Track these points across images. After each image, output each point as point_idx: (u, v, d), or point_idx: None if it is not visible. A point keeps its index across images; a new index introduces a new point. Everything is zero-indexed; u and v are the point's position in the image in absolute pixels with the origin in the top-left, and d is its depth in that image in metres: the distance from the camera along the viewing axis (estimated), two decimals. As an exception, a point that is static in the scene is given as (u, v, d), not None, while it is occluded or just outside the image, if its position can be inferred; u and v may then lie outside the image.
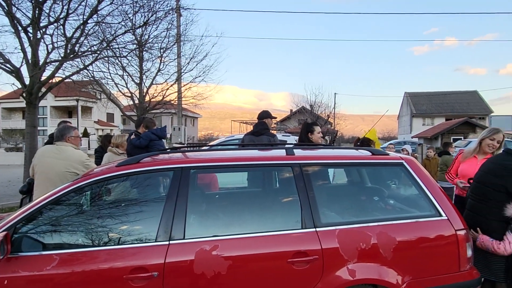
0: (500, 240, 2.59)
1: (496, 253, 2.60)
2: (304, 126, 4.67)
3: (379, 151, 2.79)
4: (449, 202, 2.54)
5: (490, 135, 3.47)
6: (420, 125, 40.77)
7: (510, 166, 2.64)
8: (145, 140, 4.67)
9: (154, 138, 4.75)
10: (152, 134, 4.75)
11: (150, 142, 4.69)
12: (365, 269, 2.32)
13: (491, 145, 3.45)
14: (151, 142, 4.70)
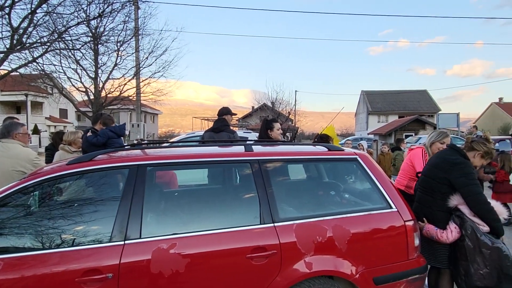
0: (444, 229, 2.79)
1: (439, 241, 2.79)
2: (264, 123, 4.72)
3: (335, 147, 2.89)
4: (399, 195, 2.69)
5: (440, 139, 3.64)
6: (375, 122, 42.69)
7: (453, 161, 2.81)
8: (103, 137, 4.49)
9: (112, 135, 4.58)
10: (110, 132, 4.57)
11: (108, 140, 4.51)
12: (322, 261, 2.39)
13: (441, 148, 3.66)
14: (109, 140, 4.52)
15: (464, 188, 2.70)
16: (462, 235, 2.71)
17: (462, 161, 2.81)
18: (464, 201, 2.74)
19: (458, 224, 2.74)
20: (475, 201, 2.68)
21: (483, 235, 2.63)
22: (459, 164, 2.77)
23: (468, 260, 2.66)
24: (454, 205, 2.79)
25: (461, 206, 2.77)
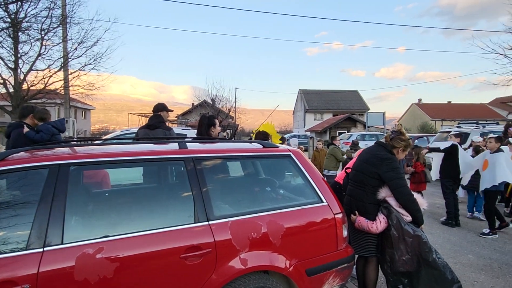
0: (373, 221, 3.00)
1: (370, 232, 3.00)
2: (205, 120, 4.66)
3: (269, 144, 2.94)
4: (329, 189, 2.83)
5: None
6: (312, 120, 44.56)
7: (382, 156, 3.06)
8: (47, 134, 4.09)
9: (56, 132, 4.20)
10: (52, 128, 4.19)
11: (52, 137, 4.13)
12: (257, 257, 2.42)
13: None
14: (53, 137, 4.15)
15: (392, 181, 2.95)
16: (388, 225, 2.94)
17: (390, 156, 3.08)
18: (391, 194, 2.99)
19: (386, 215, 2.97)
20: (401, 193, 2.94)
21: (406, 224, 2.89)
22: (387, 159, 3.03)
23: (394, 247, 2.89)
24: (382, 197, 3.03)
25: (388, 198, 3.01)
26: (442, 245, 5.09)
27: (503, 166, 5.33)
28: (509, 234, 5.72)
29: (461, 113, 37.86)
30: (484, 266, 4.37)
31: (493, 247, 5.09)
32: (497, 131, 10.56)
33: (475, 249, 4.99)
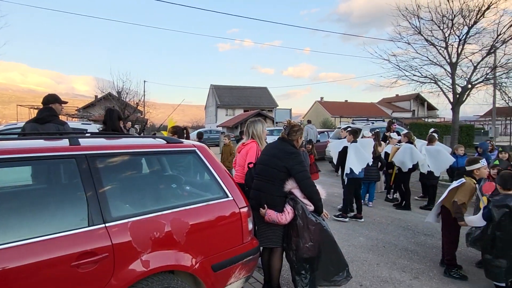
0: (282, 212, 3.13)
1: (279, 223, 3.13)
2: (115, 113, 4.34)
3: (173, 140, 2.85)
4: (234, 184, 2.87)
5: (265, 128, 4.13)
6: (224, 115, 44.91)
7: (289, 150, 3.24)
8: None
9: None
10: None
11: None
12: (161, 257, 2.33)
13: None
14: None
15: (299, 174, 3.13)
16: (295, 215, 3.11)
17: (296, 151, 3.27)
18: (296, 186, 3.17)
19: (292, 206, 3.13)
20: (307, 185, 3.14)
21: (310, 213, 3.10)
22: (294, 153, 3.21)
23: (299, 236, 3.07)
24: (288, 189, 3.19)
25: (294, 190, 3.19)
26: (338, 230, 5.61)
27: (352, 156, 6.10)
28: (391, 217, 6.58)
29: (355, 111, 42.23)
30: (372, 247, 4.95)
31: (379, 229, 5.80)
32: (383, 127, 12.04)
33: (365, 232, 5.62)
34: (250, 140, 4.06)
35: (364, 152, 6.22)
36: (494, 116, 19.25)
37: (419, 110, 47.56)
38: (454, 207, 3.84)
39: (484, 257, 3.60)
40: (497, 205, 3.47)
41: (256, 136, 4.03)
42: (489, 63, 13.73)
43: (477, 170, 3.97)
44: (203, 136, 12.51)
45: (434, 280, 3.88)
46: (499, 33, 12.81)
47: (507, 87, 16.42)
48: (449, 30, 13.29)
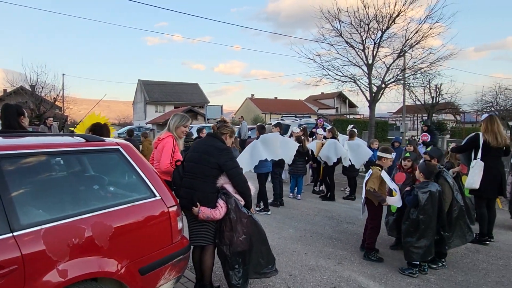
0: (215, 208, 3.11)
1: (213, 219, 3.11)
2: (12, 108, 3.87)
3: (93, 138, 2.65)
4: (162, 183, 2.77)
5: (184, 123, 3.99)
6: (153, 111, 43.19)
7: (220, 147, 3.23)
8: None
9: None
10: None
11: None
12: (81, 265, 2.16)
13: (184, 132, 4.03)
14: None
15: (231, 170, 3.15)
16: (228, 209, 3.12)
17: (227, 147, 3.28)
18: (228, 181, 3.18)
19: (225, 200, 3.14)
20: (239, 181, 3.17)
21: (242, 207, 3.14)
22: (225, 149, 3.22)
23: (232, 230, 3.09)
24: (221, 184, 3.20)
25: (226, 185, 3.20)
26: (269, 223, 5.77)
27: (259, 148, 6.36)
28: (318, 208, 6.97)
29: (284, 108, 43.76)
30: (300, 237, 5.19)
31: (307, 220, 6.10)
32: (310, 123, 12.66)
33: (294, 224, 5.87)
34: (166, 134, 3.92)
35: (265, 147, 6.41)
36: (404, 113, 21.46)
37: (341, 107, 51.01)
38: (371, 195, 4.22)
39: (405, 240, 3.98)
40: (422, 191, 3.88)
41: (171, 130, 3.92)
42: (399, 65, 15.27)
43: (384, 159, 4.41)
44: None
45: (355, 264, 4.20)
46: (407, 38, 14.30)
47: (414, 87, 18.41)
48: (366, 34, 14.46)
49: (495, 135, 4.76)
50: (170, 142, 3.81)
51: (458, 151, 5.36)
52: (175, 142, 3.86)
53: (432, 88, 22.20)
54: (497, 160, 4.87)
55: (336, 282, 3.73)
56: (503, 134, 4.85)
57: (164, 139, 3.86)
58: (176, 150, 3.84)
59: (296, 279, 3.79)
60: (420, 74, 15.54)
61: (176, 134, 3.93)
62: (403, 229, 4.02)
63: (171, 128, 3.94)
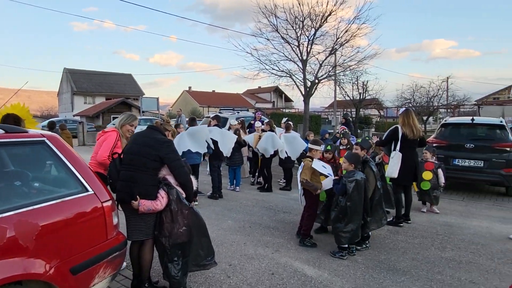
0: (156, 199, 3.03)
1: (155, 211, 3.04)
2: None
3: (15, 129, 2.42)
4: (95, 177, 2.63)
5: (130, 122, 3.96)
6: (82, 103, 40.14)
7: (162, 139, 3.16)
8: None
9: None
10: None
11: None
12: (2, 268, 1.98)
13: (130, 130, 3.94)
14: None
15: (173, 162, 3.10)
16: (169, 200, 3.07)
17: (168, 140, 3.23)
18: (170, 172, 3.14)
19: (166, 191, 3.09)
20: (181, 173, 3.14)
21: (183, 199, 3.12)
22: (167, 142, 3.17)
23: (173, 221, 3.05)
24: (163, 175, 3.16)
25: (168, 177, 3.16)
26: (208, 216, 5.77)
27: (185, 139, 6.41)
28: (256, 199, 7.15)
29: (222, 101, 43.68)
30: (239, 228, 5.29)
31: (246, 211, 6.23)
32: (248, 116, 12.84)
33: (233, 215, 5.95)
34: (111, 129, 3.88)
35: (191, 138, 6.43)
36: (335, 108, 22.77)
37: (278, 101, 52.42)
38: (305, 185, 4.46)
39: (334, 226, 4.26)
40: (349, 180, 4.16)
41: (116, 127, 3.92)
42: (331, 62, 16.14)
43: (314, 151, 4.70)
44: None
45: (291, 251, 4.41)
46: (338, 37, 15.15)
47: (344, 83, 19.59)
48: (300, 31, 15.01)
49: (411, 127, 5.30)
50: (113, 136, 3.76)
51: (381, 144, 5.85)
52: (119, 137, 3.80)
53: (359, 85, 23.83)
54: (413, 151, 5.42)
55: (274, 268, 3.89)
56: (418, 127, 5.42)
57: (108, 132, 3.80)
58: (118, 145, 3.78)
59: (236, 269, 3.87)
60: (349, 71, 16.63)
61: (121, 131, 3.90)
62: (333, 216, 4.31)
63: (117, 125, 3.91)
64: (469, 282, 3.61)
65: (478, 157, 7.25)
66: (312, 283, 3.55)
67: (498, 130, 7.56)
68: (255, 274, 3.75)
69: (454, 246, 4.59)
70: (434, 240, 4.82)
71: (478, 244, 4.67)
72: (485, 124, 7.91)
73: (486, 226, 5.43)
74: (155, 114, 27.29)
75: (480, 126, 7.91)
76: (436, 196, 6.15)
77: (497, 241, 4.79)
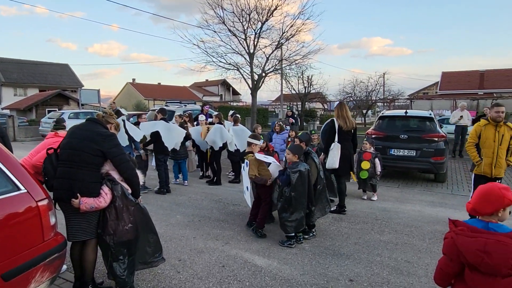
0: (99, 196, 2.87)
1: (98, 208, 2.87)
2: None
3: None
4: (29, 174, 2.43)
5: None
6: (11, 95, 36.51)
7: (104, 133, 2.99)
8: None
9: None
10: None
11: None
12: None
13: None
14: None
15: (117, 157, 2.95)
16: (114, 196, 2.92)
17: (111, 133, 3.06)
18: (114, 168, 2.99)
19: (110, 187, 2.93)
20: (126, 168, 2.99)
21: (129, 195, 3.00)
22: (110, 136, 3.00)
23: (118, 218, 2.92)
24: (106, 170, 2.99)
25: (111, 172, 3.00)
26: (156, 212, 5.62)
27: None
28: (205, 192, 7.10)
29: (169, 94, 42.46)
30: (188, 222, 5.22)
31: (195, 205, 6.16)
32: (195, 109, 12.64)
33: (182, 210, 5.85)
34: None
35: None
36: (282, 101, 23.27)
37: (225, 94, 52.21)
38: (256, 180, 4.57)
39: (281, 216, 4.37)
40: (293, 171, 4.27)
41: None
42: (277, 56, 16.43)
43: (254, 145, 4.80)
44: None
45: (241, 242, 4.46)
46: (283, 31, 15.44)
47: (290, 77, 20.07)
48: (247, 24, 15.07)
49: (345, 119, 5.57)
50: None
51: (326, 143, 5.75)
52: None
53: (305, 79, 24.58)
54: (348, 142, 5.68)
55: (224, 261, 3.90)
56: (351, 118, 5.70)
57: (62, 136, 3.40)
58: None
59: (186, 263, 3.82)
60: (295, 65, 17.08)
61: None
62: (279, 207, 4.43)
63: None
64: (404, 261, 3.93)
65: (411, 147, 7.87)
66: (262, 273, 3.63)
67: (427, 122, 8.27)
68: (205, 268, 3.73)
69: (392, 230, 4.96)
70: (374, 225, 5.16)
71: (412, 226, 5.10)
72: (417, 117, 8.60)
73: (418, 210, 5.94)
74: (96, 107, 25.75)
75: (413, 119, 8.59)
76: (373, 184, 6.57)
77: (428, 223, 5.26)
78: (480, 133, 4.85)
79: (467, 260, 1.80)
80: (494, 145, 4.74)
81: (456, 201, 6.58)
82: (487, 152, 4.80)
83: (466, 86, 31.32)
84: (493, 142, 4.75)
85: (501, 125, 4.75)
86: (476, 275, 1.82)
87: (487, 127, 4.82)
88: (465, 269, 1.88)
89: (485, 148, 4.82)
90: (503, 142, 4.73)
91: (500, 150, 4.74)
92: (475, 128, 4.96)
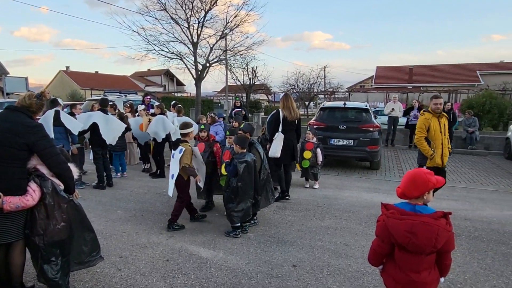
0: (25, 194, 2.62)
1: (25, 207, 2.63)
2: None
3: None
4: None
5: None
6: None
7: (30, 124, 2.69)
8: None
9: None
10: None
11: None
12: None
13: None
14: None
15: (45, 150, 2.68)
16: (43, 193, 2.69)
17: (38, 124, 2.77)
18: (42, 162, 2.73)
19: (39, 184, 2.69)
20: (55, 162, 2.75)
21: (61, 191, 2.78)
22: (36, 127, 2.70)
23: (49, 217, 2.70)
24: (33, 165, 2.73)
25: (39, 167, 2.75)
26: (95, 207, 5.32)
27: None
28: (148, 186, 6.86)
29: (107, 83, 39.98)
30: (130, 217, 5.01)
31: (137, 199, 5.93)
32: (137, 100, 12.10)
33: (123, 205, 5.60)
34: None
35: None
36: (227, 92, 23.19)
37: (169, 85, 50.59)
38: (186, 170, 4.43)
39: (227, 206, 4.38)
40: (239, 161, 4.27)
41: None
42: (222, 46, 16.27)
43: (191, 133, 4.73)
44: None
45: (186, 235, 4.39)
46: (227, 21, 15.31)
47: (234, 68, 20.04)
48: (190, 12, 14.68)
49: (290, 110, 5.74)
50: None
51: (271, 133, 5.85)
52: None
53: (249, 70, 24.71)
54: (291, 132, 5.85)
55: (168, 255, 3.82)
56: (296, 109, 5.90)
57: None
58: None
59: (127, 260, 3.68)
60: (239, 56, 17.03)
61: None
62: (225, 197, 4.44)
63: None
64: (343, 245, 4.17)
65: (349, 137, 8.32)
66: (208, 264, 3.62)
67: (364, 113, 8.79)
68: (149, 263, 3.62)
69: (332, 216, 5.23)
70: (315, 211, 5.40)
71: (350, 211, 5.42)
72: (354, 108, 9.10)
73: (356, 196, 6.33)
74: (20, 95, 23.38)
75: (350, 110, 9.07)
76: (314, 173, 6.84)
77: (364, 207, 5.63)
78: (429, 126, 4.88)
79: (397, 241, 1.96)
80: (441, 135, 4.90)
81: (388, 186, 7.12)
82: (437, 144, 4.89)
83: (397, 80, 33.84)
84: (439, 133, 4.89)
85: (442, 115, 4.97)
86: (404, 254, 1.99)
87: (433, 119, 4.90)
88: (395, 248, 2.05)
89: (435, 140, 4.89)
90: (445, 131, 4.96)
91: (444, 140, 4.92)
92: (422, 121, 4.91)
